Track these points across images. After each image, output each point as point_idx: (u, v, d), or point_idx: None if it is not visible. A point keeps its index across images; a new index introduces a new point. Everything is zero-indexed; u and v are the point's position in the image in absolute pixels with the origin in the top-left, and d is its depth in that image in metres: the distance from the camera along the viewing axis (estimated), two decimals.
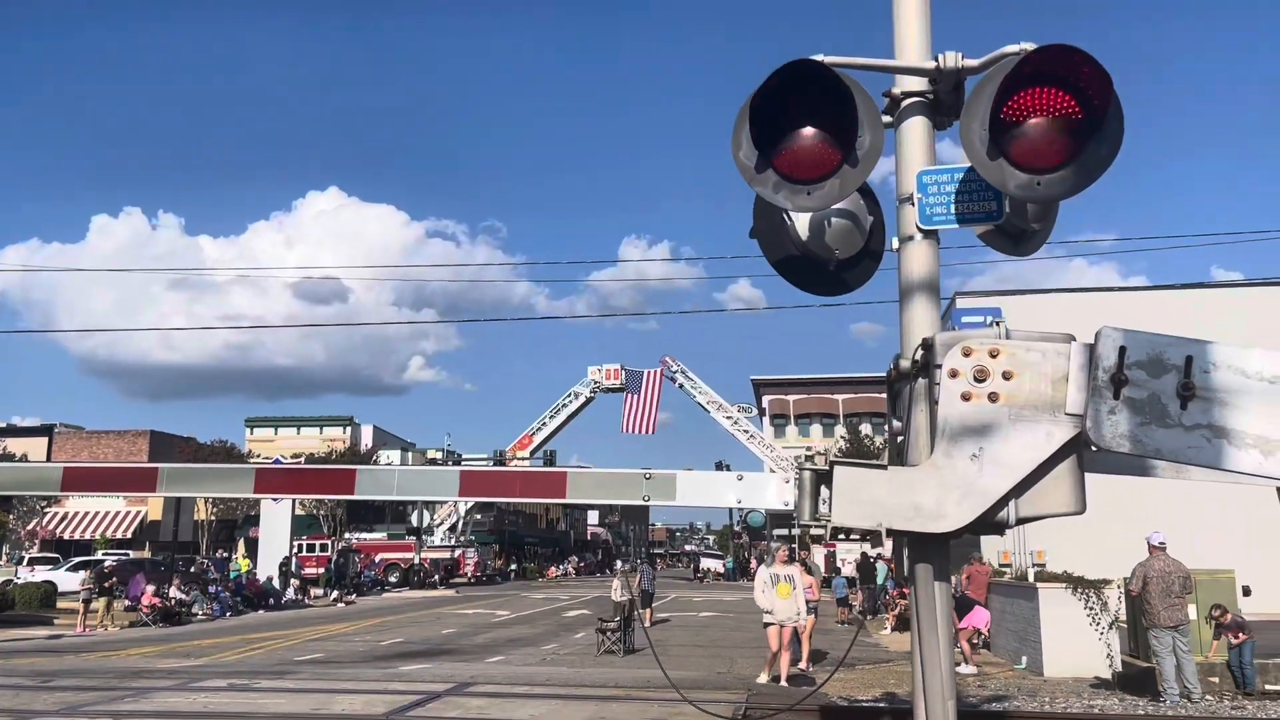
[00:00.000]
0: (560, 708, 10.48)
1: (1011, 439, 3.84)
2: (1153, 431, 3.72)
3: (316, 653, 18.12)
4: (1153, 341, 3.80)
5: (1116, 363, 3.77)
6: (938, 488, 3.89)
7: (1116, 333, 3.83)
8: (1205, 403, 3.70)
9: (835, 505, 4.01)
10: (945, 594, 4.21)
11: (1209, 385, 3.71)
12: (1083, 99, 3.92)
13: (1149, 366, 3.76)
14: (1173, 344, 3.79)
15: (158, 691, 11.68)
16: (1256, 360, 3.73)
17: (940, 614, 4.15)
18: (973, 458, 3.86)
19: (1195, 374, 3.72)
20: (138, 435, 63.83)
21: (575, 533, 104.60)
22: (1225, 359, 3.74)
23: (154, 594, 28.02)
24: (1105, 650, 15.81)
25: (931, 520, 3.90)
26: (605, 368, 59.24)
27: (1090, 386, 3.79)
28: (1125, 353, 3.78)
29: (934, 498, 3.89)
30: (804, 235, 4.83)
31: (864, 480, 4.01)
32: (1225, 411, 3.69)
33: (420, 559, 53.25)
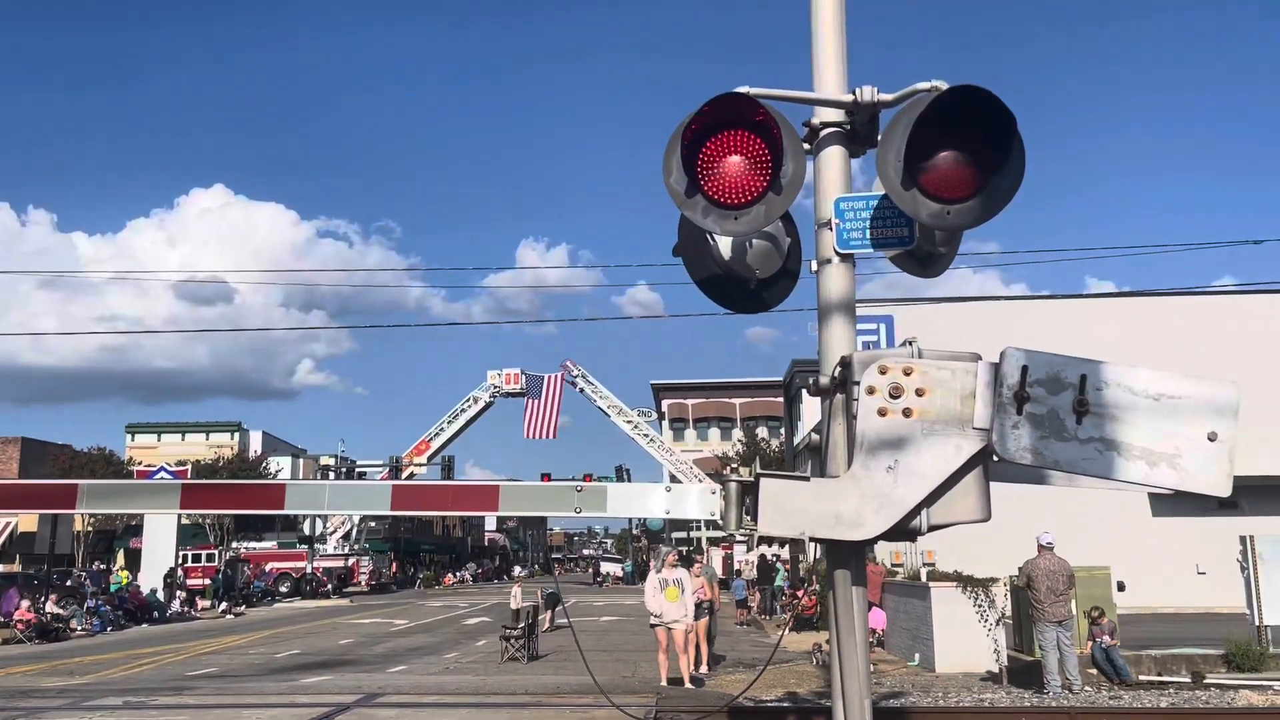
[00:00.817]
0: (473, 716, 10.49)
1: (924, 452, 4.11)
2: (1052, 444, 4.03)
3: (210, 667, 17.64)
4: (1051, 361, 4.11)
5: (1019, 381, 4.07)
6: (857, 498, 4.13)
7: (1019, 353, 4.13)
8: (1098, 418, 4.02)
9: (761, 515, 4.21)
10: (862, 597, 4.45)
11: (1101, 402, 4.03)
12: (989, 135, 4.21)
13: (1048, 384, 4.07)
14: (1069, 364, 4.11)
15: (48, 712, 11.21)
16: (1143, 379, 4.07)
17: (858, 617, 4.39)
18: (889, 469, 4.11)
19: (1089, 391, 4.05)
20: (7, 442, 60.74)
21: (472, 539, 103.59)
22: (1115, 377, 4.08)
23: (29, 609, 26.81)
24: (993, 645, 16.54)
25: (851, 529, 4.14)
26: (505, 372, 58.97)
27: (995, 403, 4.07)
28: (1027, 371, 4.08)
29: (854, 507, 4.13)
30: (726, 255, 5.03)
31: (788, 491, 4.23)
32: (1115, 426, 4.02)
33: (313, 568, 52.07)
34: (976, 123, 4.23)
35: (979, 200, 4.31)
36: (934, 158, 4.30)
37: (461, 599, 46.03)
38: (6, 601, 28.43)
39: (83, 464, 56.08)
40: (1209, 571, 29.70)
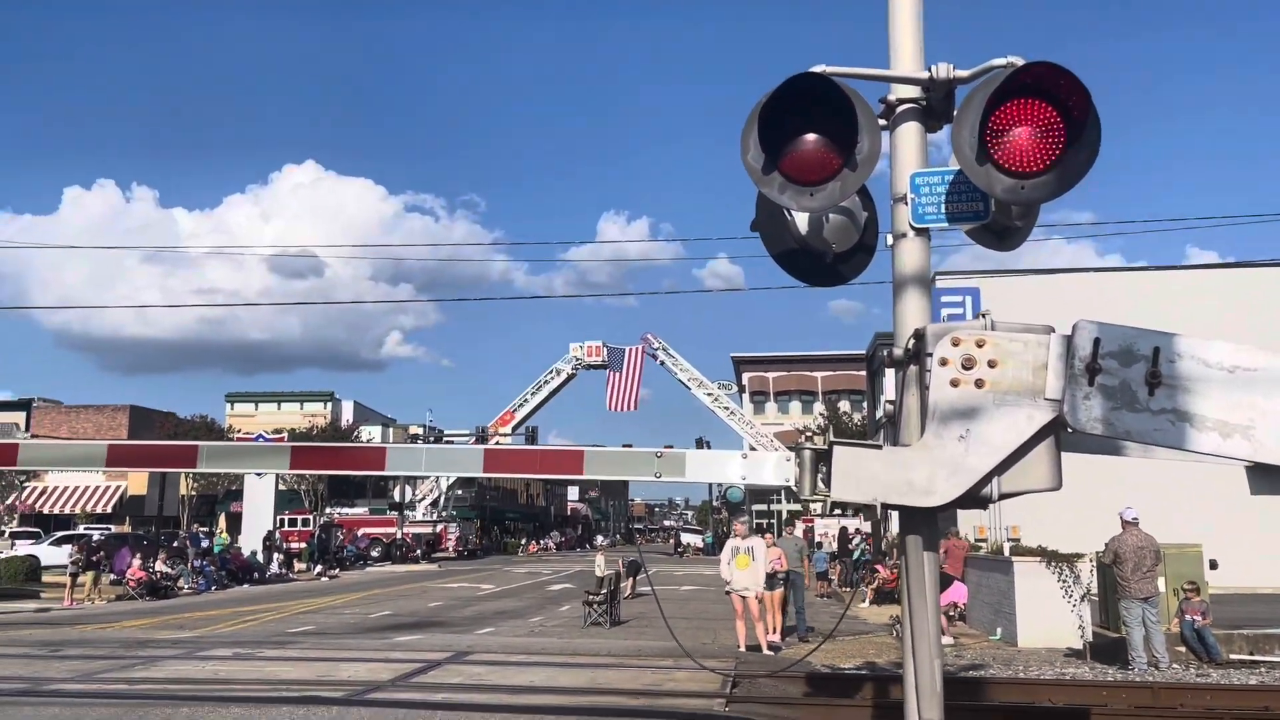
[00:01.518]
0: (558, 674, 10.87)
1: (995, 421, 4.21)
2: (1123, 415, 4.10)
3: (308, 625, 18.45)
4: (1124, 333, 4.18)
5: (1091, 353, 4.14)
6: (928, 465, 4.26)
7: (1091, 325, 4.20)
8: (1171, 390, 4.08)
9: (834, 481, 4.38)
10: (934, 563, 4.59)
11: (1174, 374, 4.09)
12: (1064, 110, 4.26)
13: (1120, 356, 4.13)
14: (1141, 335, 4.16)
15: (166, 660, 11.98)
16: (1217, 351, 4.11)
17: (929, 582, 4.53)
18: (960, 439, 4.23)
19: (1162, 363, 4.10)
20: (117, 410, 63.57)
21: (555, 508, 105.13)
22: (1189, 350, 4.12)
23: (140, 568, 28.23)
24: (1077, 621, 16.34)
25: (922, 495, 4.28)
26: (587, 344, 59.54)
27: (1067, 374, 4.16)
28: (1099, 343, 4.15)
29: (925, 475, 4.26)
30: (803, 230, 5.17)
31: (861, 459, 4.38)
32: (1188, 398, 4.07)
33: (402, 534, 53.57)
34: (1052, 98, 4.29)
35: (1053, 174, 4.36)
36: (1009, 133, 4.37)
37: (545, 566, 46.93)
38: (119, 560, 29.96)
39: (186, 431, 58.45)
40: None
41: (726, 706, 9.00)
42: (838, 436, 5.03)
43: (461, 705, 8.82)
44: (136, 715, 8.30)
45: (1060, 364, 4.20)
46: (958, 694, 9.86)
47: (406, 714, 8.44)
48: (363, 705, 8.91)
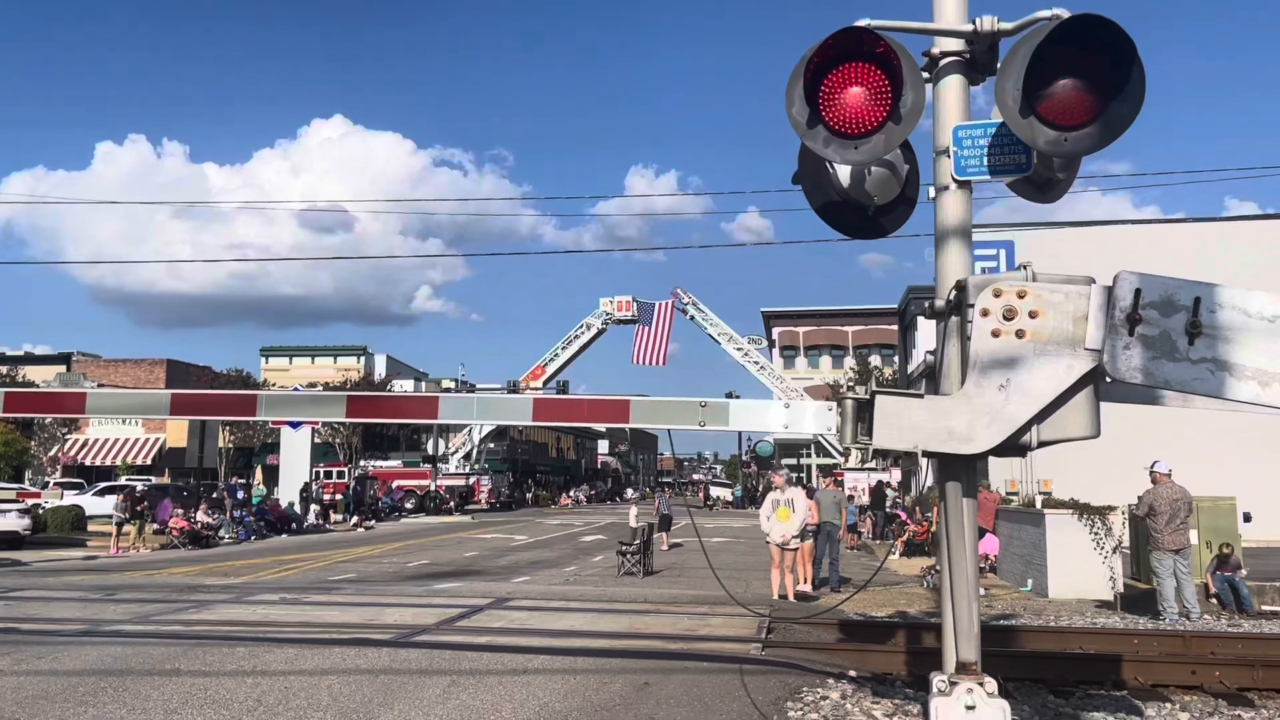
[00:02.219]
0: (597, 619, 11.15)
1: (1036, 371, 4.31)
2: (1163, 365, 4.18)
3: (349, 573, 18.89)
4: (1165, 284, 4.24)
5: (1132, 303, 4.22)
6: (969, 414, 4.37)
7: (1133, 276, 4.27)
8: (1210, 339, 4.16)
9: (876, 429, 4.50)
10: (972, 509, 4.72)
11: (1214, 324, 4.16)
12: (1109, 63, 4.30)
13: (1161, 307, 4.21)
14: (1183, 286, 4.23)
15: (216, 604, 12.39)
16: (1258, 301, 4.17)
17: (968, 527, 4.66)
18: (1000, 388, 4.34)
19: (1202, 313, 4.18)
20: (154, 364, 64.50)
21: (586, 462, 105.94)
22: (1229, 300, 4.19)
23: (182, 518, 28.91)
24: (1108, 573, 16.42)
25: (963, 443, 4.39)
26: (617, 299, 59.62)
27: (1108, 325, 4.24)
28: (1140, 294, 4.23)
29: (965, 423, 4.37)
30: (845, 183, 5.24)
31: (903, 408, 4.50)
32: (1228, 347, 4.15)
33: (436, 486, 54.30)
34: (1096, 50, 4.32)
35: (1097, 126, 4.41)
36: (1052, 85, 4.42)
37: (577, 518, 47.48)
38: (162, 510, 30.65)
39: (223, 384, 59.24)
40: None
41: (763, 650, 9.22)
42: (873, 382, 5.14)
43: (507, 647, 9.10)
44: (195, 654, 8.64)
45: (1101, 314, 4.28)
46: (989, 641, 9.99)
47: (455, 655, 8.72)
48: (411, 647, 9.22)
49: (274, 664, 8.34)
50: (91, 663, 8.32)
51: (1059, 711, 7.65)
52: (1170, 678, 8.78)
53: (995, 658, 8.69)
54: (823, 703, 7.28)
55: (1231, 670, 8.80)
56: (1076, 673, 8.83)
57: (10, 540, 25.83)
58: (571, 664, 8.44)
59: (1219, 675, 8.72)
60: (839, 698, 7.43)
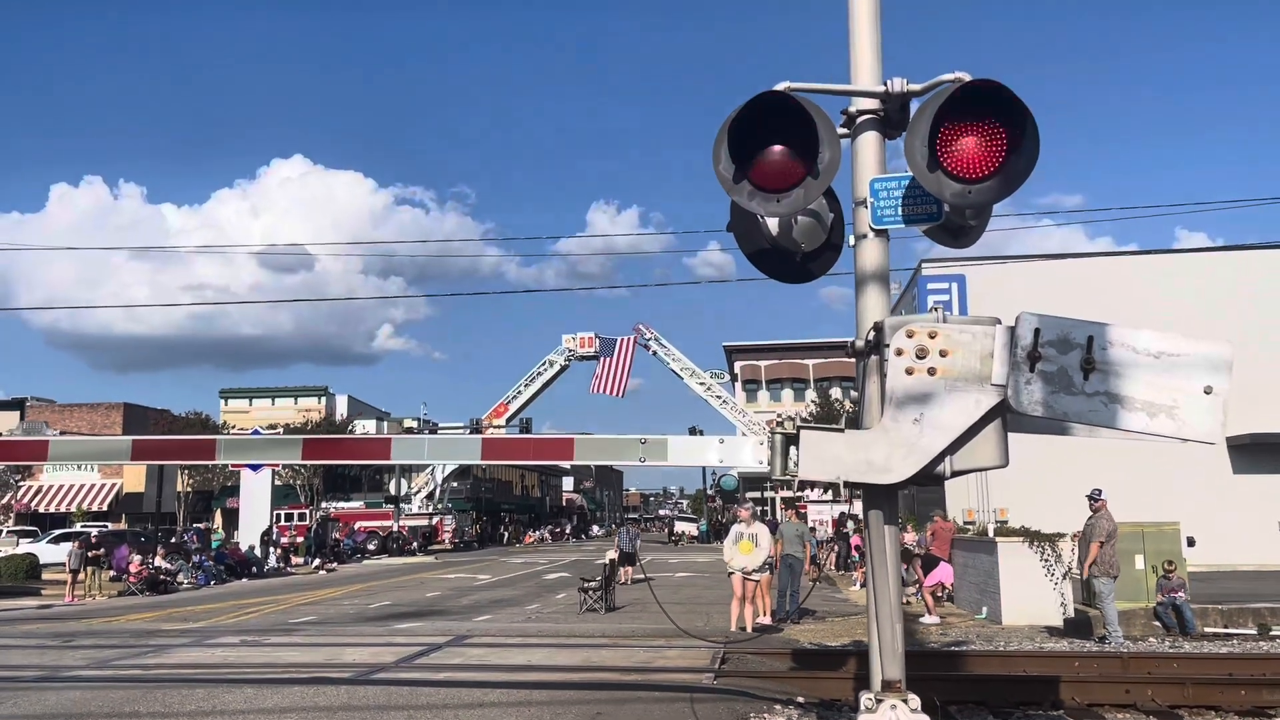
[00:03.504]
0: (555, 654, 11.32)
1: (947, 406, 4.66)
2: (1061, 398, 4.54)
3: (310, 615, 18.86)
4: (1061, 324, 4.62)
5: (1032, 341, 4.59)
6: (886, 446, 4.71)
7: (1033, 317, 4.64)
8: (1103, 374, 4.52)
9: (802, 462, 4.82)
10: (894, 535, 5.04)
11: (1106, 360, 4.53)
12: (1005, 122, 4.69)
13: (1058, 345, 4.58)
14: (1077, 326, 4.60)
15: (176, 648, 12.39)
16: (1144, 339, 4.55)
17: (890, 552, 4.98)
18: (915, 421, 4.67)
19: (1095, 350, 4.55)
20: (111, 408, 63.78)
21: (550, 499, 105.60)
22: (1119, 338, 4.56)
23: (140, 564, 28.59)
24: (1059, 599, 16.83)
25: (881, 474, 4.72)
26: (580, 336, 59.93)
27: (1011, 362, 4.60)
28: (1039, 333, 4.60)
29: (883, 455, 4.70)
30: (774, 232, 5.60)
31: (826, 441, 4.82)
32: (1119, 381, 4.51)
33: (398, 526, 53.97)
34: (995, 110, 4.72)
35: (997, 179, 4.80)
36: (957, 142, 4.80)
37: (541, 556, 47.38)
38: (118, 556, 30.31)
39: (181, 428, 58.64)
40: None
41: (715, 679, 9.45)
42: (830, 422, 5.47)
43: (464, 683, 9.26)
44: (154, 696, 8.71)
45: (1005, 352, 4.64)
46: (938, 665, 10.32)
47: (412, 691, 8.87)
48: (369, 684, 9.35)
49: (233, 704, 8.45)
50: (51, 707, 8.37)
51: None
52: (1105, 697, 9.13)
53: (940, 681, 9.01)
54: None
55: (1163, 689, 9.16)
56: (1016, 694, 9.15)
57: None
58: (528, 697, 8.62)
59: (1151, 694, 9.07)
60: None
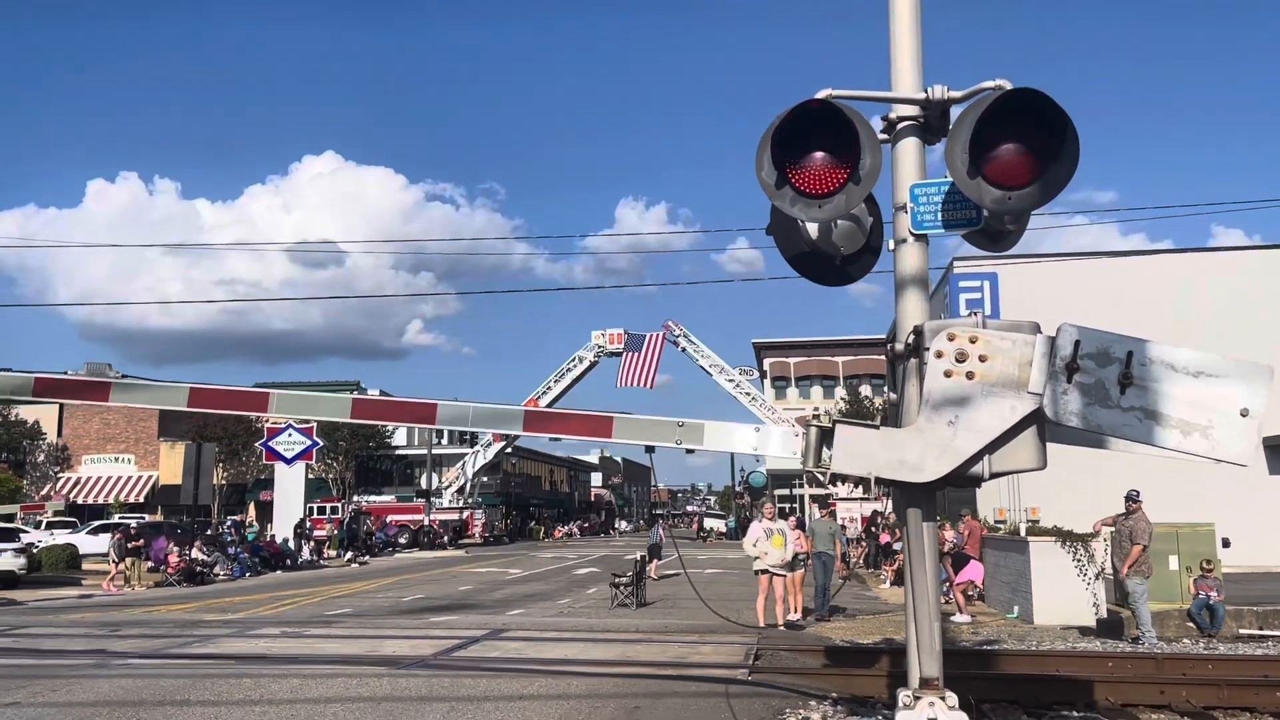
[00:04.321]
0: (590, 648, 11.48)
1: (983, 410, 4.74)
2: (1096, 411, 4.60)
3: (345, 608, 19.14)
4: (1101, 337, 4.67)
5: (1072, 353, 4.65)
6: (920, 446, 4.80)
7: (1073, 329, 4.70)
8: (1140, 390, 4.57)
9: (835, 455, 4.93)
10: (932, 533, 5.13)
11: (1144, 376, 4.58)
12: (1045, 130, 4.77)
13: (1097, 358, 4.64)
14: (1118, 340, 4.66)
15: (219, 638, 12.68)
16: (1184, 356, 4.58)
17: (928, 550, 5.07)
18: (950, 423, 4.76)
19: (1134, 365, 4.60)
20: None
21: (579, 494, 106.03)
22: (1159, 355, 4.61)
23: (178, 555, 29.07)
24: (1091, 599, 16.78)
25: (913, 472, 4.82)
26: (609, 332, 59.98)
27: (1049, 371, 4.67)
28: (1079, 345, 4.66)
29: (917, 454, 4.80)
30: (814, 235, 5.70)
31: (860, 437, 4.93)
32: (1155, 398, 4.56)
33: (429, 520, 54.41)
34: (1036, 118, 4.79)
35: (1037, 187, 4.87)
36: (997, 149, 4.88)
37: (570, 551, 47.64)
38: (156, 548, 30.83)
39: (216, 421, 59.47)
40: None
41: (749, 675, 9.57)
42: (859, 419, 5.57)
43: (505, 674, 9.45)
44: (204, 685, 8.96)
45: (1044, 361, 4.71)
46: (971, 664, 10.37)
47: (453, 682, 9.06)
48: (411, 676, 9.55)
49: (279, 693, 8.67)
50: (105, 694, 8.63)
51: None
52: (1139, 698, 9.15)
53: (974, 680, 9.06)
54: None
55: (1198, 690, 9.17)
56: (1050, 694, 9.19)
57: (6, 580, 26.01)
58: (566, 689, 8.78)
59: (1186, 695, 9.09)
60: (819, 719, 7.79)
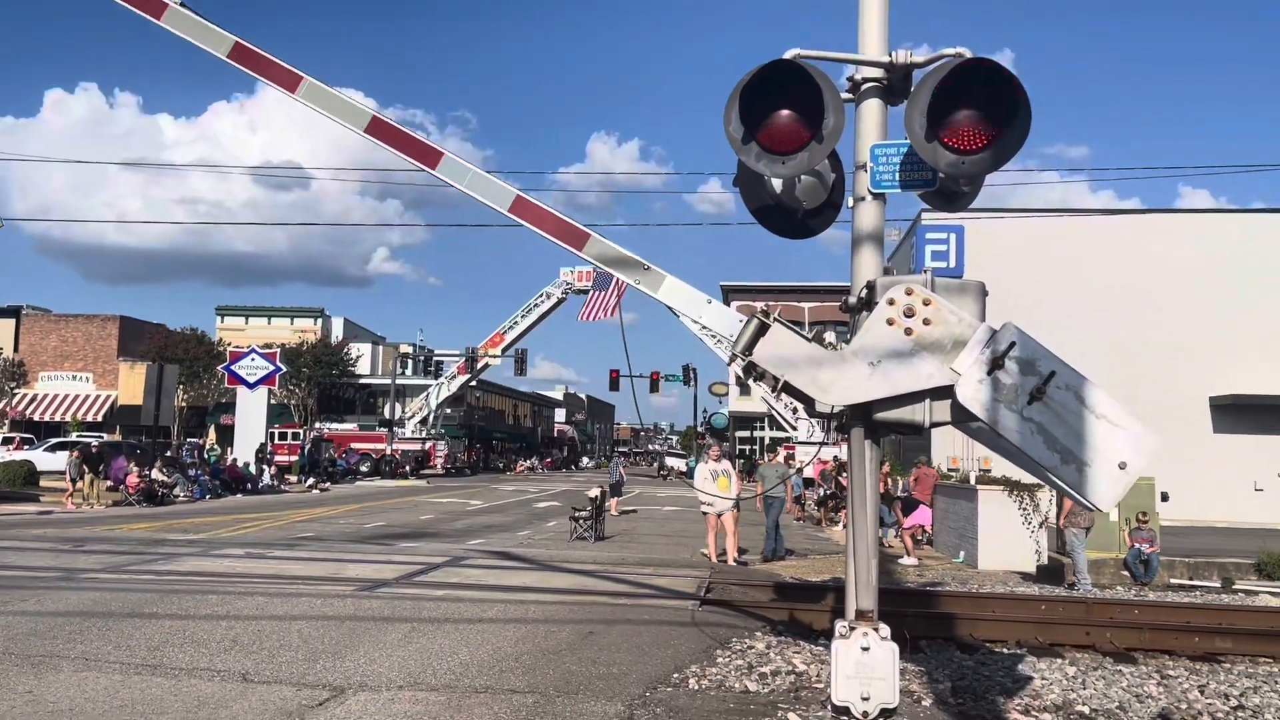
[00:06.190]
0: (549, 577, 11.85)
1: (904, 366, 5.03)
2: (1000, 409, 4.90)
3: (307, 532, 19.42)
4: (1036, 349, 4.95)
5: (1003, 352, 4.93)
6: (837, 372, 5.10)
7: (1015, 331, 4.98)
8: (1045, 408, 4.86)
9: (760, 346, 5.24)
10: (874, 479, 5.45)
11: (1055, 397, 4.87)
12: (1000, 99, 5.00)
13: (1023, 365, 4.92)
14: (1047, 357, 4.94)
15: (184, 556, 12.91)
16: (1097, 397, 4.87)
17: (870, 494, 5.38)
18: (871, 365, 5.05)
19: (1051, 385, 4.88)
20: (107, 320, 63.92)
21: (542, 430, 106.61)
22: (1076, 385, 4.89)
23: (138, 475, 29.10)
24: (1034, 547, 17.46)
25: (819, 390, 5.13)
26: (578, 270, 59.86)
27: (977, 358, 4.95)
28: (1013, 347, 4.94)
29: (830, 377, 5.10)
30: (778, 189, 5.93)
31: (790, 341, 5.23)
32: (1054, 420, 4.85)
33: (392, 450, 54.65)
34: (990, 87, 5.03)
35: (990, 152, 5.13)
36: (953, 115, 5.13)
37: (532, 485, 48.18)
38: (116, 467, 30.82)
39: (177, 343, 59.06)
40: (1266, 489, 30.04)
41: (700, 607, 9.99)
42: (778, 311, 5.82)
43: (464, 599, 9.79)
44: (171, 600, 9.22)
45: (977, 349, 4.98)
46: (911, 603, 10.85)
47: (415, 604, 9.39)
48: (374, 598, 9.86)
49: (245, 610, 8.95)
50: (74, 605, 8.87)
51: (960, 664, 8.48)
52: (1067, 639, 9.68)
53: (911, 617, 9.54)
54: (749, 651, 8.05)
55: (1121, 632, 9.72)
56: (983, 632, 9.70)
57: None
58: (524, 614, 9.14)
59: (1110, 636, 9.63)
60: (764, 648, 8.21)
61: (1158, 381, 28.97)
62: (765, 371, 5.22)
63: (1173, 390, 29.51)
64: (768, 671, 7.42)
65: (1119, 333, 29.74)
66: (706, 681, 7.06)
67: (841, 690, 5.16)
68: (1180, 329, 30.61)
